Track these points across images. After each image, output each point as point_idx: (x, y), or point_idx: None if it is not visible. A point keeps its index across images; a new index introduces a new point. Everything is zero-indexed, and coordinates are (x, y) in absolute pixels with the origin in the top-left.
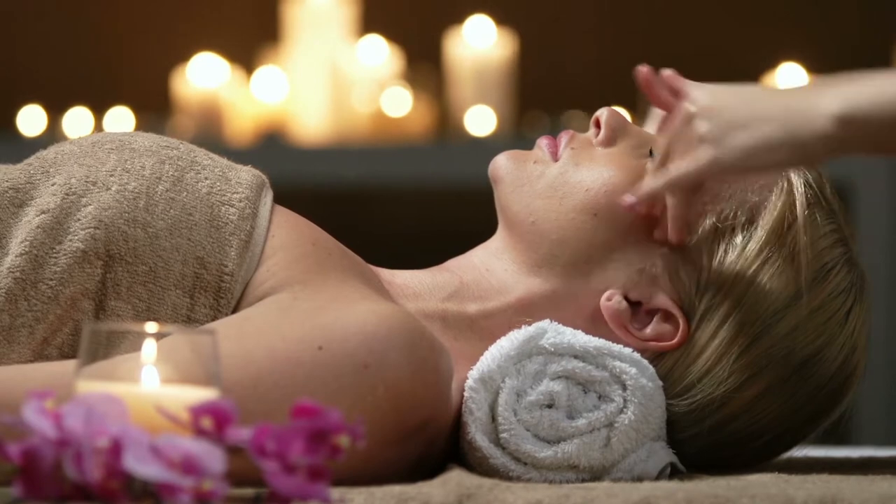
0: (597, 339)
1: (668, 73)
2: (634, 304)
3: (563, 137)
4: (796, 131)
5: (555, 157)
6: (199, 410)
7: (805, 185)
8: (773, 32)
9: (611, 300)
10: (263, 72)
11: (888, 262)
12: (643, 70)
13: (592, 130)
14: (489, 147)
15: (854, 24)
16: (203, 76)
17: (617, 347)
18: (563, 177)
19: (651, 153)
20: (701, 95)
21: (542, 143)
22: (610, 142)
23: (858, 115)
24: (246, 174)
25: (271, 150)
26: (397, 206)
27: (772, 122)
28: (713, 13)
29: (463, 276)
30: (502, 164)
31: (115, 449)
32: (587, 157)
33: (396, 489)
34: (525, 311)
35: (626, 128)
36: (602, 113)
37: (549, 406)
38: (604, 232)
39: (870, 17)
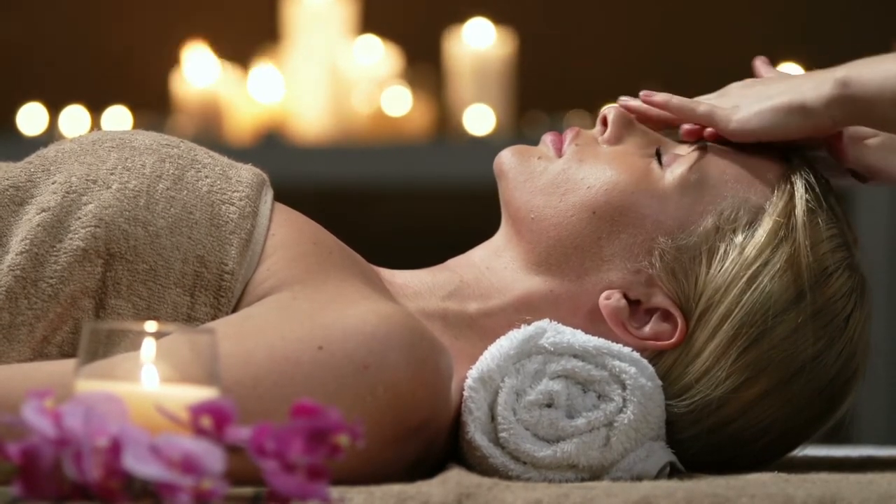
0: (596, 338)
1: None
2: (633, 303)
3: (569, 134)
4: (804, 94)
5: (559, 153)
6: (198, 410)
7: (807, 188)
8: (772, 32)
9: (610, 299)
10: (262, 71)
11: (888, 266)
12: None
13: (599, 128)
14: (488, 146)
15: (853, 23)
16: (202, 75)
17: (616, 347)
18: (565, 173)
19: (658, 153)
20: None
21: (547, 139)
22: (616, 140)
23: (859, 78)
24: (246, 172)
25: (271, 149)
26: (397, 205)
27: (786, 93)
28: (712, 13)
29: (463, 274)
30: (506, 159)
31: (115, 448)
32: (591, 155)
33: (396, 488)
34: (525, 309)
35: (633, 126)
36: (609, 111)
37: (549, 405)
38: (602, 230)
39: (869, 16)
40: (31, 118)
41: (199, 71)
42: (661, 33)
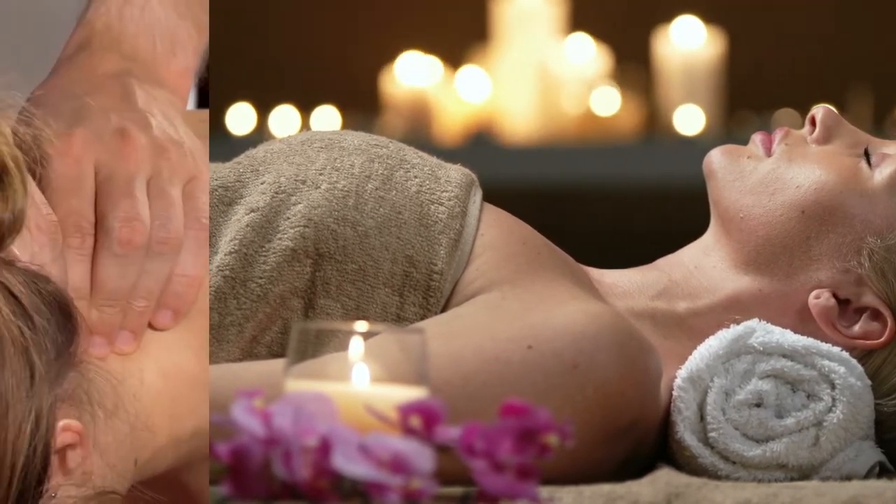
0: (805, 338)
1: None
2: (842, 303)
3: (778, 134)
4: None
5: (768, 152)
6: (407, 409)
7: None
8: None
9: (819, 298)
10: (470, 71)
11: None
12: None
13: (807, 128)
14: (698, 146)
15: None
16: (412, 75)
17: (825, 346)
18: (774, 172)
19: (866, 153)
20: None
21: (756, 138)
22: (825, 140)
23: None
24: (455, 172)
25: (480, 149)
26: (605, 205)
27: None
28: None
29: (672, 273)
30: (716, 159)
31: (324, 448)
32: (800, 155)
33: (605, 488)
34: (734, 309)
35: (841, 126)
36: (817, 110)
37: (758, 405)
38: (811, 229)
39: None
40: (240, 118)
41: (409, 70)
42: (870, 31)
